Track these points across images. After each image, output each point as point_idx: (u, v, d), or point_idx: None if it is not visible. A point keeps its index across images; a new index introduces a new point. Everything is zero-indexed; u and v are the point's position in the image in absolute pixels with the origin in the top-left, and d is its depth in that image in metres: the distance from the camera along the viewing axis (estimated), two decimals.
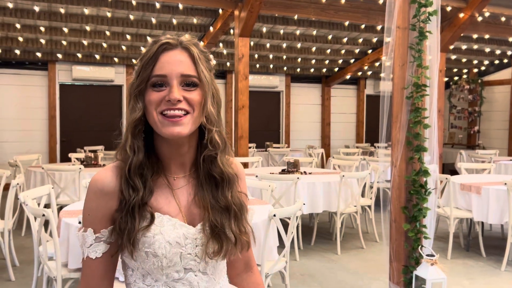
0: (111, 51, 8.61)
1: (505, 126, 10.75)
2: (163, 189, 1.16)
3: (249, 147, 8.21)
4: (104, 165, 6.01)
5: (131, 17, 7.37)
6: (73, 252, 2.85)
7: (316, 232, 5.33)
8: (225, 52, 9.35)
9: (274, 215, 2.79)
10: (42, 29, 7.51)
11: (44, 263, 2.98)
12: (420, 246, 3.29)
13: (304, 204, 4.46)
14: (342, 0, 6.65)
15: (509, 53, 10.33)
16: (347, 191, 5.03)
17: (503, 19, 7.83)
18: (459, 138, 11.43)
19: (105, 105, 9.57)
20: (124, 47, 8.61)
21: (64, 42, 8.16)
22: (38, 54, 8.55)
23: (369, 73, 11.32)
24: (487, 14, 7.43)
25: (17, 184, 4.02)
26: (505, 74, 10.82)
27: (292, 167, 5.48)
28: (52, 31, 7.65)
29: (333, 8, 6.81)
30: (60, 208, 4.61)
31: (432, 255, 3.11)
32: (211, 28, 7.54)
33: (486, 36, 8.87)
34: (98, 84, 9.49)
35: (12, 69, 8.86)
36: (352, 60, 10.28)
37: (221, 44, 8.75)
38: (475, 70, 11.30)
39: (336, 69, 10.86)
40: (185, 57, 1.11)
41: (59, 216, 3.16)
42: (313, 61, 10.20)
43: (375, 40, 9.20)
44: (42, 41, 8.03)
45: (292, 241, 3.70)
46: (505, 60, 10.66)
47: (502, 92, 10.95)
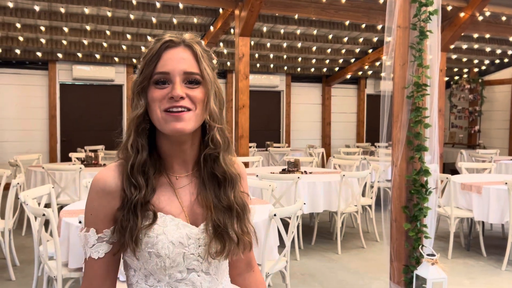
0: (112, 50, 8.60)
1: (506, 125, 10.75)
2: (165, 188, 1.15)
3: (250, 147, 8.21)
4: (104, 165, 6.01)
5: (132, 16, 7.36)
6: (74, 251, 2.86)
7: (317, 231, 5.33)
8: (225, 51, 9.34)
9: (275, 215, 2.79)
10: (42, 28, 7.50)
11: (45, 262, 2.98)
12: (420, 246, 3.29)
13: (304, 203, 4.45)
14: (343, 0, 6.65)
15: (510, 52, 10.31)
16: (348, 191, 5.03)
17: (503, 18, 7.83)
18: (459, 137, 11.42)
19: (105, 105, 9.56)
20: (124, 47, 8.61)
21: (64, 42, 8.16)
22: (39, 54, 8.54)
23: (370, 72, 11.31)
24: (487, 13, 7.42)
25: (18, 183, 4.02)
26: (506, 73, 10.82)
27: (292, 167, 5.48)
28: (53, 31, 7.64)
29: (334, 8, 6.80)
30: (60, 207, 4.61)
31: (432, 255, 3.11)
32: (211, 28, 7.54)
33: (487, 36, 8.86)
34: (99, 83, 9.48)
35: (12, 69, 8.85)
36: (352, 60, 10.27)
37: (221, 44, 8.75)
38: (475, 70, 11.30)
39: (336, 69, 10.85)
40: (188, 54, 1.11)
41: (59, 215, 3.16)
42: (313, 61, 10.19)
43: (375, 39, 9.19)
44: (43, 40, 8.02)
45: (292, 241, 3.70)
46: (506, 60, 10.65)
47: (502, 91, 10.94)
